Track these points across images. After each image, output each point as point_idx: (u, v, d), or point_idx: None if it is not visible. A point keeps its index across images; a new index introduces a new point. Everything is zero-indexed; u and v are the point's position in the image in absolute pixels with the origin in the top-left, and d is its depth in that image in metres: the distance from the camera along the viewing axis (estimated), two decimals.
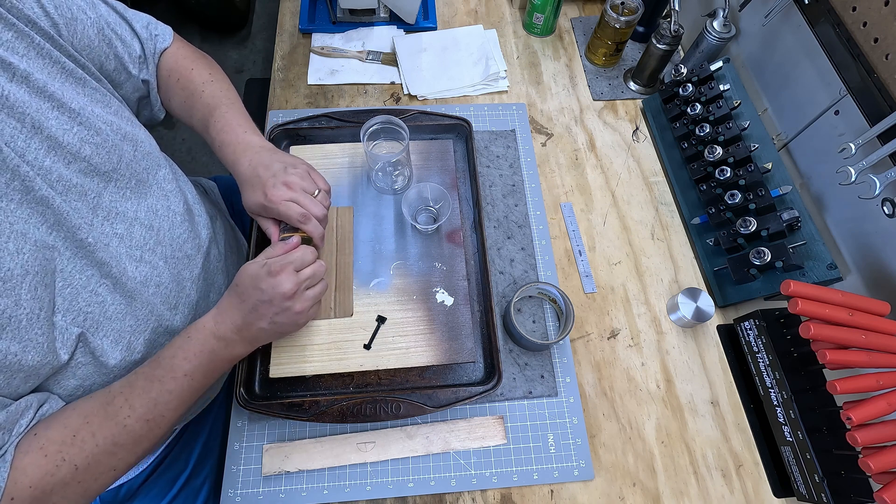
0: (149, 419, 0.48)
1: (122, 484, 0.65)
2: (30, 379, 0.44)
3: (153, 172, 0.57)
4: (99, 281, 0.50)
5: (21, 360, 0.42)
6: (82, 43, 0.53)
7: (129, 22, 0.60)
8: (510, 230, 0.76)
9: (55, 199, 0.46)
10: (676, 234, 0.78)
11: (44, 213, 0.45)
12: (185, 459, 0.69)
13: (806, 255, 0.64)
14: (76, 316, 0.48)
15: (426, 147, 0.77)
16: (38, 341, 0.44)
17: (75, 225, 0.48)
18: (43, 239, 0.45)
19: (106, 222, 0.51)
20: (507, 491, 0.61)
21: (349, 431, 0.63)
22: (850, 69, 0.61)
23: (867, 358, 0.51)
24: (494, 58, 0.92)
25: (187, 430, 0.70)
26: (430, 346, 0.64)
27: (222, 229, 0.72)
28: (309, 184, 0.59)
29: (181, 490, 0.67)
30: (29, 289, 0.43)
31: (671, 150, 0.82)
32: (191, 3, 1.79)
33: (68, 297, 0.47)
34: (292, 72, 0.91)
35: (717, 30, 0.79)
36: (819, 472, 0.54)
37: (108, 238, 0.51)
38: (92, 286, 0.49)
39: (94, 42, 0.54)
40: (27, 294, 0.43)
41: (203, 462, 0.70)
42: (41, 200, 0.45)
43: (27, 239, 0.43)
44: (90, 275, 0.49)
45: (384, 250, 0.70)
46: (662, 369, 0.68)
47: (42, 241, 0.45)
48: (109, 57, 0.57)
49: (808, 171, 0.72)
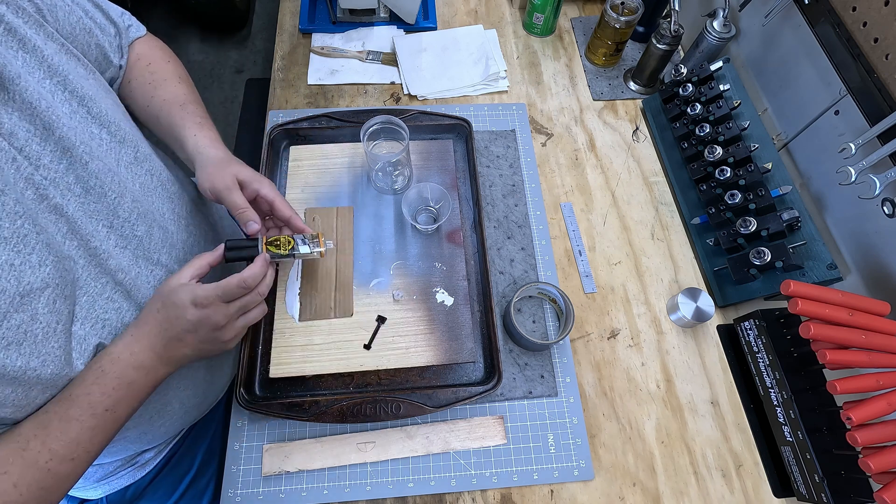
0: (73, 458, 0.44)
1: (129, 485, 0.65)
2: (47, 390, 0.44)
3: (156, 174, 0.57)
4: (114, 287, 0.49)
5: (39, 374, 0.42)
6: (65, 30, 0.52)
7: (104, 9, 0.59)
8: (510, 230, 0.76)
9: (68, 206, 0.45)
10: (676, 234, 0.78)
11: (57, 221, 0.45)
12: (189, 460, 0.69)
13: (806, 255, 0.64)
14: (94, 324, 0.47)
15: (426, 147, 0.77)
16: (56, 354, 0.43)
17: (88, 233, 0.47)
18: (62, 249, 0.45)
19: (111, 230, 0.50)
20: (507, 491, 0.61)
21: (349, 431, 0.63)
22: (850, 69, 0.61)
23: (867, 358, 0.51)
24: (494, 58, 0.92)
25: (192, 430, 0.70)
26: (430, 346, 0.64)
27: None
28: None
29: (186, 490, 0.68)
30: (47, 302, 0.42)
31: (671, 150, 0.82)
32: (191, 3, 1.79)
33: (85, 306, 0.47)
34: (292, 72, 0.91)
35: (717, 30, 0.78)
36: (819, 472, 0.54)
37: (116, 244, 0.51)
38: (107, 293, 0.49)
39: (76, 30, 0.53)
40: (44, 308, 0.42)
41: (208, 462, 0.70)
42: (55, 208, 0.44)
43: (50, 250, 0.43)
44: (105, 282, 0.49)
45: (384, 250, 0.70)
46: (662, 369, 0.68)
47: (62, 252, 0.44)
48: (91, 46, 0.56)
49: (808, 171, 0.72)
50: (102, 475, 0.64)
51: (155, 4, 1.94)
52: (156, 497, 0.66)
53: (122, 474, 0.65)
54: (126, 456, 0.63)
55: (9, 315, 0.39)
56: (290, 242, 0.58)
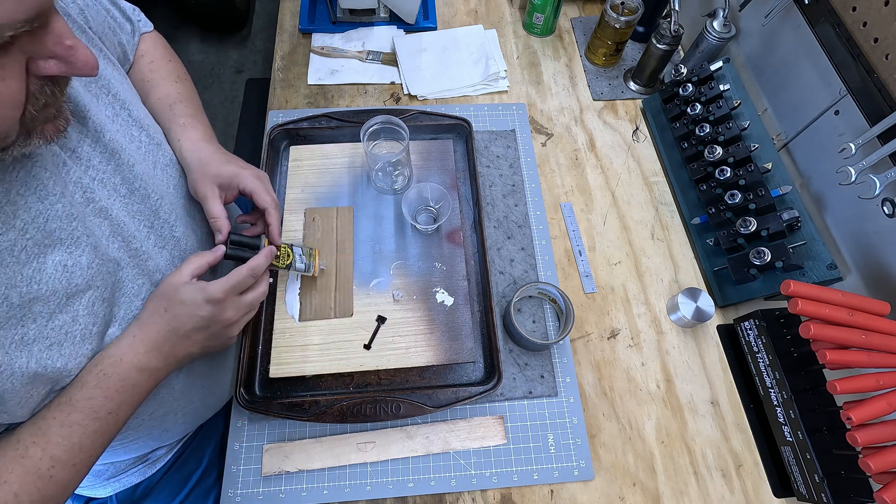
0: (75, 463, 0.43)
1: (139, 483, 0.66)
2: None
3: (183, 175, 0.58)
4: (149, 289, 0.50)
5: (71, 377, 0.43)
6: (98, 30, 0.52)
7: (120, 6, 0.59)
8: (510, 230, 0.76)
9: (113, 207, 0.46)
10: (676, 234, 0.78)
11: (101, 224, 0.45)
12: (197, 458, 0.69)
13: (806, 255, 0.64)
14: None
15: (426, 147, 0.77)
16: (88, 357, 0.44)
17: (130, 234, 0.48)
18: (107, 251, 0.45)
19: (151, 230, 0.51)
20: (507, 491, 0.61)
21: (349, 431, 0.63)
22: (850, 69, 0.61)
23: (867, 358, 0.51)
24: (494, 58, 0.92)
25: (201, 430, 0.70)
26: (430, 346, 0.64)
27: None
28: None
29: (193, 489, 0.68)
30: (87, 304, 0.43)
31: (671, 150, 0.82)
32: (191, 3, 1.79)
33: (123, 306, 0.47)
34: (292, 72, 0.91)
35: (717, 30, 0.78)
36: (819, 472, 0.54)
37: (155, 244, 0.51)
38: (143, 294, 0.49)
39: (104, 28, 0.54)
40: (84, 310, 0.42)
41: (215, 461, 0.70)
42: (101, 211, 0.45)
43: (97, 252, 0.44)
44: (142, 283, 0.49)
45: (384, 250, 0.70)
46: (662, 369, 0.68)
47: (107, 254, 0.45)
48: (115, 44, 0.56)
49: (808, 171, 0.72)
50: (113, 472, 0.64)
51: (155, 4, 1.94)
52: (163, 494, 0.67)
53: (132, 472, 0.65)
54: (140, 453, 0.64)
55: (55, 316, 0.40)
56: (290, 256, 0.60)
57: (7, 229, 0.38)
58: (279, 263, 0.59)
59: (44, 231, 0.40)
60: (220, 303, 0.48)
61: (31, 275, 0.39)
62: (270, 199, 0.58)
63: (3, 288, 0.37)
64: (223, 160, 0.58)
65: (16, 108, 0.33)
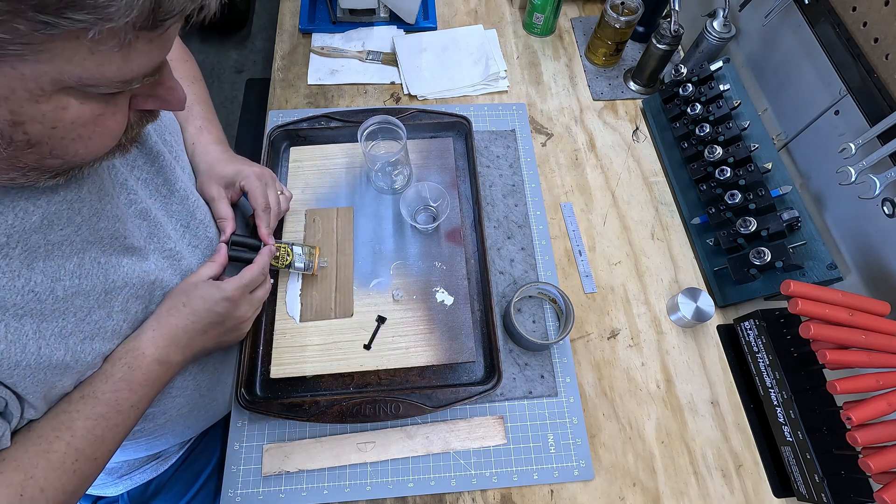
0: (97, 457, 0.44)
1: (151, 480, 0.66)
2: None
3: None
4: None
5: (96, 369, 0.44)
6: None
7: None
8: (510, 230, 0.76)
9: (153, 207, 0.48)
10: (676, 234, 0.78)
11: (140, 225, 0.47)
12: (207, 457, 0.69)
13: (806, 255, 0.64)
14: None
15: (426, 146, 0.77)
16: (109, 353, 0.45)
17: (166, 233, 0.50)
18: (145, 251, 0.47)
19: (187, 230, 0.53)
20: (507, 491, 0.61)
21: (349, 431, 0.63)
22: (850, 69, 0.61)
23: (867, 358, 0.51)
24: (494, 58, 0.92)
25: (211, 429, 0.70)
26: (430, 345, 0.64)
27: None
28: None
29: (202, 487, 0.68)
30: (122, 301, 0.44)
31: (671, 150, 0.82)
32: None
33: (156, 302, 0.49)
34: (292, 72, 0.91)
35: (717, 30, 0.78)
36: (819, 472, 0.54)
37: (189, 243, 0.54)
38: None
39: None
40: (118, 307, 0.44)
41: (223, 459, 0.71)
42: (141, 213, 0.47)
43: (135, 251, 0.45)
44: (175, 283, 0.51)
45: (384, 250, 0.70)
46: (662, 369, 0.68)
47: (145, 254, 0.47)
48: None
49: (808, 171, 0.72)
50: (126, 470, 0.65)
51: None
52: (173, 492, 0.67)
53: (145, 469, 0.66)
54: (159, 450, 0.64)
55: (93, 311, 0.42)
56: (290, 255, 0.62)
57: (67, 224, 0.39)
58: (278, 263, 0.61)
59: (93, 229, 0.41)
60: (236, 300, 0.52)
61: (73, 269, 0.40)
62: (262, 200, 0.60)
63: (50, 281, 0.38)
64: (228, 160, 0.61)
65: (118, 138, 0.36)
